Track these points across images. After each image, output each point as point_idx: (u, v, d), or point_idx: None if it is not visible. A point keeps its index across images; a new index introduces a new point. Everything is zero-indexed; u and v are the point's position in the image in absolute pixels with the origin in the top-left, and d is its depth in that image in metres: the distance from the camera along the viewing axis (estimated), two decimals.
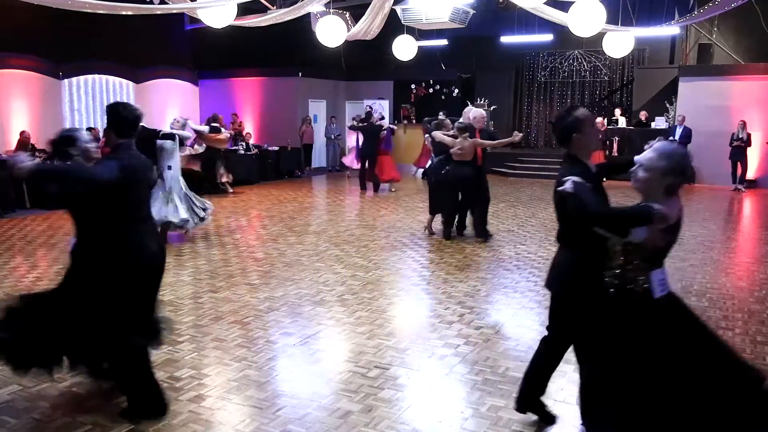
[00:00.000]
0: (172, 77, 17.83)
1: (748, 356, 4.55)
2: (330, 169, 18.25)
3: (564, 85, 18.67)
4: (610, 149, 16.08)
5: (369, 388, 3.96)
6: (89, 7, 8.01)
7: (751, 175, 14.71)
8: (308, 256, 7.59)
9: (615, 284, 2.77)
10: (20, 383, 4.00)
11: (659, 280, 2.76)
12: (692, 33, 16.65)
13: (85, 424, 3.51)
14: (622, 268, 2.76)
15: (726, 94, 14.97)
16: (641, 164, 2.77)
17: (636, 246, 2.72)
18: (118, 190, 3.40)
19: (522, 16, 13.69)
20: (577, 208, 2.76)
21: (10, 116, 13.61)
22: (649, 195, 2.77)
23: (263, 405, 3.78)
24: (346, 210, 11.67)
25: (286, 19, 10.71)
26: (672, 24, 13.20)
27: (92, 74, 15.70)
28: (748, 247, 8.75)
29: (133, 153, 3.60)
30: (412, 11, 10.21)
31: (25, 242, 8.44)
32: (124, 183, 3.39)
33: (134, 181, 3.50)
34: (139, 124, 3.66)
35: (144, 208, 3.72)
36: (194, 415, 3.63)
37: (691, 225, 10.06)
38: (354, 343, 4.78)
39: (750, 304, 5.82)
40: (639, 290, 2.74)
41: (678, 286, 6.37)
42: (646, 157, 2.77)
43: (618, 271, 2.77)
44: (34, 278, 6.60)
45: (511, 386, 3.88)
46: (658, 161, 2.73)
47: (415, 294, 6.18)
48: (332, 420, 3.57)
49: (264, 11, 11.06)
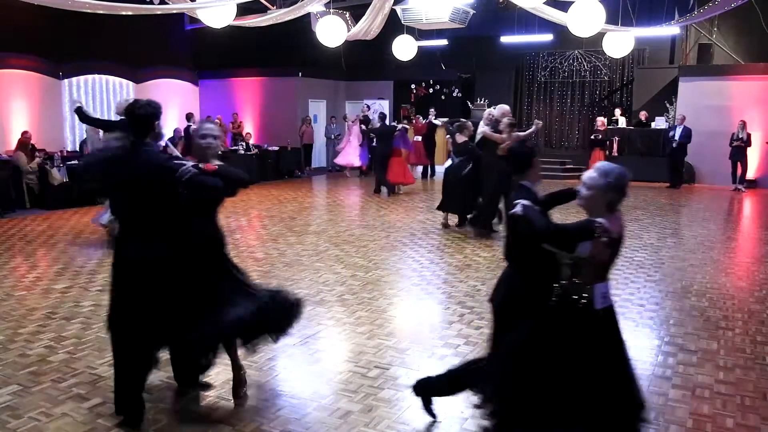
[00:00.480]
0: (172, 77, 17.83)
1: (748, 356, 4.56)
2: (330, 169, 18.25)
3: (564, 85, 18.66)
4: (610, 149, 16.07)
5: (369, 388, 3.96)
6: (89, 7, 8.01)
7: (751, 175, 14.70)
8: (308, 256, 7.59)
9: (559, 295, 2.97)
10: (20, 383, 4.00)
11: (602, 293, 2.95)
12: (692, 33, 16.64)
13: (86, 423, 3.51)
14: (569, 280, 2.96)
15: (726, 94, 14.97)
16: (584, 183, 2.98)
17: (583, 260, 2.91)
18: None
19: (522, 16, 13.68)
20: (527, 228, 2.99)
21: (10, 116, 13.61)
22: (592, 211, 2.96)
23: (263, 405, 3.78)
24: (346, 210, 11.67)
25: (286, 19, 10.72)
26: (672, 24, 13.20)
27: (92, 74, 15.70)
28: (748, 247, 8.75)
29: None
30: (412, 11, 10.22)
31: (25, 242, 8.44)
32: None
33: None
34: (152, 123, 3.57)
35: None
36: (194, 415, 3.63)
37: (691, 225, 10.07)
38: (354, 343, 4.78)
39: (750, 304, 5.82)
40: (582, 301, 2.93)
41: (678, 286, 6.38)
42: (589, 176, 2.98)
43: (564, 283, 2.97)
44: (34, 278, 6.60)
45: None
46: (599, 179, 2.93)
47: (415, 294, 6.18)
48: (332, 420, 3.57)
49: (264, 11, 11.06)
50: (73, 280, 6.50)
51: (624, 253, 7.80)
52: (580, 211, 3.00)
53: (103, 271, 6.85)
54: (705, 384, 4.09)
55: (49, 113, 14.35)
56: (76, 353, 4.52)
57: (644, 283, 6.47)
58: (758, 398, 3.90)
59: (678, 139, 14.42)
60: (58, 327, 5.07)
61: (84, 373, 4.18)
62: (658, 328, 5.18)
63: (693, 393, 3.96)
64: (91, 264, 7.22)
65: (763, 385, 4.10)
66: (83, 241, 8.38)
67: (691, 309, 5.65)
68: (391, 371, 4.24)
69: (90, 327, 5.08)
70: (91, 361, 4.37)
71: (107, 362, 4.35)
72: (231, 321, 3.51)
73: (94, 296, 5.93)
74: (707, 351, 4.65)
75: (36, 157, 11.73)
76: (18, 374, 4.15)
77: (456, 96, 18.75)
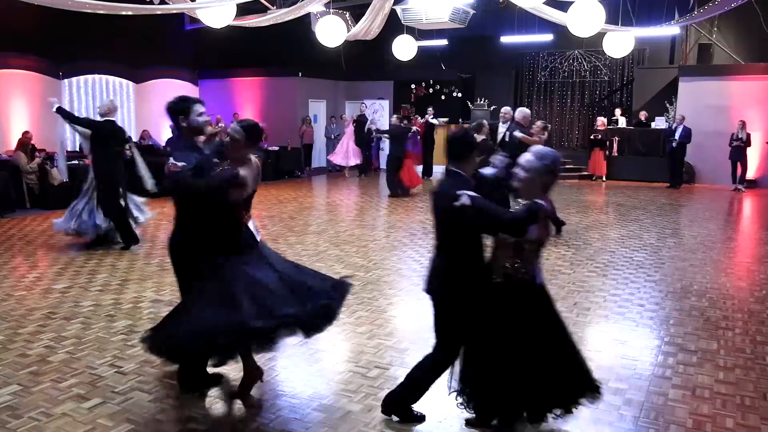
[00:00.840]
0: (172, 77, 17.82)
1: (748, 356, 4.56)
2: (330, 170, 18.25)
3: (564, 85, 18.66)
4: (610, 149, 16.08)
5: (369, 388, 3.96)
6: (89, 7, 8.02)
7: (751, 175, 14.70)
8: (308, 256, 7.59)
9: (505, 275, 3.21)
10: (20, 383, 4.00)
11: (538, 270, 3.25)
12: (692, 33, 16.64)
13: (86, 424, 3.51)
14: (513, 261, 3.19)
15: (726, 94, 14.97)
16: (522, 166, 3.18)
17: (530, 242, 3.15)
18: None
19: (522, 16, 13.67)
20: (482, 218, 3.11)
21: (10, 116, 13.61)
22: (529, 193, 3.17)
23: (263, 405, 3.79)
24: (346, 210, 11.67)
25: (286, 19, 10.72)
26: (672, 24, 13.20)
27: (92, 74, 15.70)
28: (748, 247, 8.75)
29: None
30: (412, 11, 10.22)
31: (25, 242, 8.45)
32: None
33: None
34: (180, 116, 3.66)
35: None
36: (194, 415, 3.63)
37: (691, 225, 10.07)
38: (354, 343, 4.78)
39: (750, 304, 5.82)
40: (527, 278, 3.21)
41: (678, 286, 6.38)
42: (526, 159, 3.18)
43: (508, 264, 3.20)
44: (34, 278, 6.60)
45: None
46: (537, 162, 3.16)
47: (415, 294, 6.17)
48: (332, 420, 3.57)
49: (264, 11, 11.06)
50: (73, 280, 6.50)
51: (624, 253, 7.81)
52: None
53: (103, 271, 6.86)
54: (705, 384, 4.09)
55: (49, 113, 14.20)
56: (76, 353, 4.52)
57: (644, 283, 6.47)
58: (758, 398, 3.90)
59: (678, 139, 14.42)
60: (58, 327, 5.07)
61: (84, 373, 4.18)
62: (658, 328, 5.18)
63: (693, 393, 3.96)
64: (91, 264, 7.22)
65: (763, 385, 4.10)
66: (83, 241, 8.37)
67: (691, 309, 5.65)
68: (391, 371, 4.24)
69: (90, 327, 5.08)
70: (91, 361, 4.37)
71: (107, 362, 4.36)
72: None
73: (94, 296, 5.93)
74: (707, 351, 4.66)
75: (36, 157, 11.72)
76: (18, 374, 4.16)
77: (456, 96, 18.75)
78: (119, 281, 6.47)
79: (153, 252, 7.87)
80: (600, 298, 5.95)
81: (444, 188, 3.32)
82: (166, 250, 3.80)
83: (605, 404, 3.75)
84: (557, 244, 8.28)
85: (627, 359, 4.49)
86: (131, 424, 3.49)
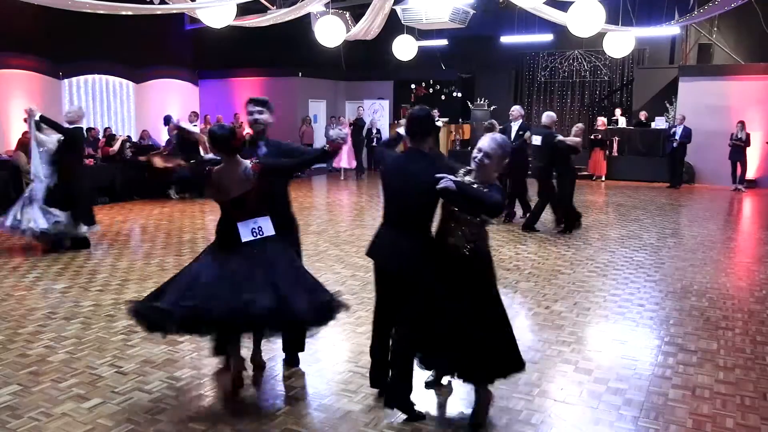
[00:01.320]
0: (172, 77, 17.83)
1: (748, 356, 4.56)
2: (330, 170, 18.25)
3: (564, 85, 18.67)
4: (610, 149, 16.08)
5: (369, 388, 3.95)
6: (89, 7, 8.02)
7: (751, 175, 14.70)
8: (308, 256, 7.58)
9: (469, 248, 3.44)
10: (20, 383, 4.00)
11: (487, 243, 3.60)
12: (692, 33, 16.65)
13: (86, 424, 3.51)
14: (476, 235, 3.45)
15: (725, 94, 14.97)
16: (485, 152, 3.39)
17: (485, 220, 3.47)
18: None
19: (522, 16, 13.69)
20: (466, 200, 3.28)
21: (10, 116, 13.61)
22: (487, 177, 3.42)
23: (263, 405, 3.79)
24: (346, 210, 11.67)
25: (286, 19, 10.72)
26: (672, 24, 13.20)
27: (92, 74, 15.71)
28: (748, 247, 8.75)
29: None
30: (412, 11, 10.22)
31: (25, 242, 8.44)
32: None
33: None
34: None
35: None
36: (194, 415, 3.63)
37: (691, 225, 10.07)
38: (354, 343, 4.78)
39: (750, 304, 5.82)
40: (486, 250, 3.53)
41: (678, 286, 6.38)
42: (490, 146, 3.40)
43: (474, 239, 3.45)
44: (34, 278, 6.60)
45: (510, 386, 3.88)
46: (498, 150, 3.41)
47: None
48: (332, 420, 3.57)
49: (264, 11, 11.07)
50: (73, 280, 6.50)
51: (624, 253, 7.81)
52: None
53: (103, 271, 6.86)
54: (705, 384, 4.09)
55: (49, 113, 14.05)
56: (76, 353, 4.52)
57: (644, 283, 6.47)
58: (758, 398, 3.90)
59: (678, 139, 14.42)
60: (58, 327, 5.07)
61: (84, 373, 4.18)
62: (658, 328, 5.18)
63: (693, 393, 3.96)
64: (91, 264, 7.22)
65: (763, 385, 4.10)
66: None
67: (691, 309, 5.65)
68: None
69: (90, 327, 5.08)
70: (91, 361, 4.37)
71: (107, 362, 4.36)
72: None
73: (94, 296, 5.93)
74: (707, 351, 4.65)
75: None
76: (18, 374, 4.15)
77: (456, 96, 18.75)
78: (119, 281, 6.47)
79: (153, 252, 7.87)
80: (600, 298, 5.95)
81: (415, 168, 3.46)
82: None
83: (605, 404, 3.76)
84: (557, 244, 8.29)
85: (627, 359, 4.49)
86: (131, 424, 3.49)
